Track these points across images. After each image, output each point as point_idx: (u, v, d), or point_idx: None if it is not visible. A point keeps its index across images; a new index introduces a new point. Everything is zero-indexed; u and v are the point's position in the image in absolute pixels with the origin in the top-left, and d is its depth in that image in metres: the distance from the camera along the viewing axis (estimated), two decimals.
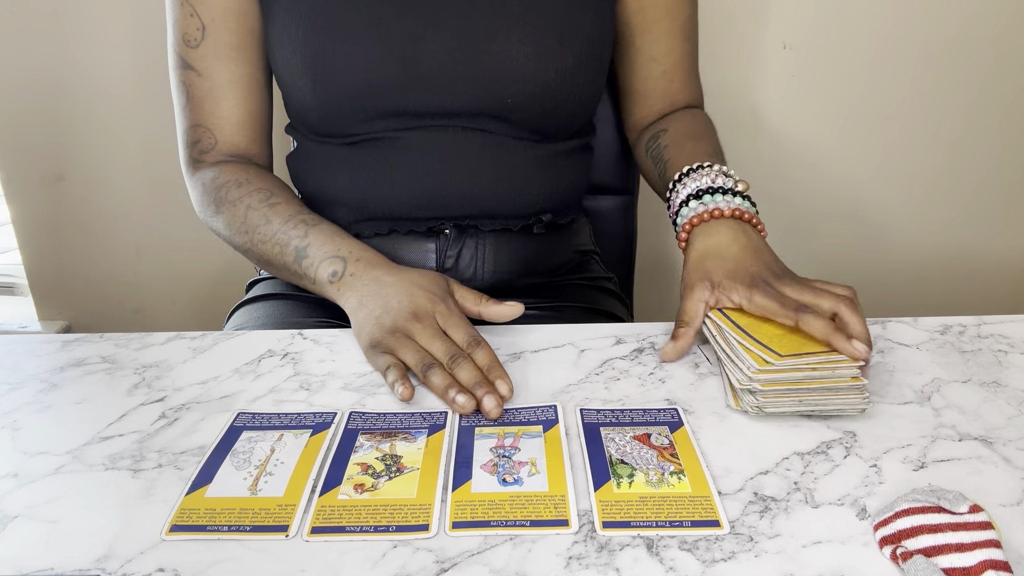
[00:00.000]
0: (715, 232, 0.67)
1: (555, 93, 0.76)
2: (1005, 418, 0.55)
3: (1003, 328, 0.68)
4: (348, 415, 0.56)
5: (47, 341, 0.68)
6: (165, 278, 1.51)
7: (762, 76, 1.30)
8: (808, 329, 0.57)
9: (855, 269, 1.44)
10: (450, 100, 0.76)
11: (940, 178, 1.37)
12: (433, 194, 0.78)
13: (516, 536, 0.44)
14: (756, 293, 0.61)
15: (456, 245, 0.81)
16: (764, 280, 0.62)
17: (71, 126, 1.39)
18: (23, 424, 0.57)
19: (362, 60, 0.74)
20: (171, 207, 1.45)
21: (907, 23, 1.26)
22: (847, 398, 0.54)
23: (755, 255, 0.64)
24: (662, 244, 1.43)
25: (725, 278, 0.63)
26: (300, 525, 0.46)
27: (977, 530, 0.41)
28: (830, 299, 0.60)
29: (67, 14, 1.31)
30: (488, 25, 0.74)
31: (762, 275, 0.62)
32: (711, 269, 0.64)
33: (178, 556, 0.43)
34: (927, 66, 1.28)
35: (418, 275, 0.67)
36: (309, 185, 0.83)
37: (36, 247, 1.50)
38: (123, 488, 0.49)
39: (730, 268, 0.64)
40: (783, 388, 0.54)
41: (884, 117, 1.32)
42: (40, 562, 0.43)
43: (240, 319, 0.83)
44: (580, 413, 0.56)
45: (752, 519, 0.45)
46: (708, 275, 0.64)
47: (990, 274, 1.44)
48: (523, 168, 0.80)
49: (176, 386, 0.61)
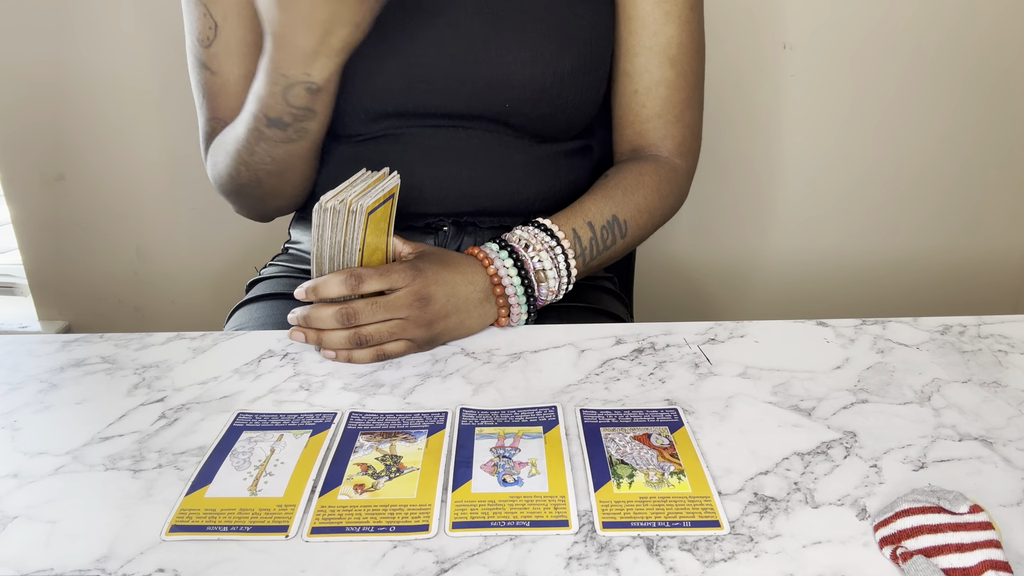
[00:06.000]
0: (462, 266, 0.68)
1: (553, 98, 0.76)
2: (1005, 418, 0.55)
3: (1003, 328, 0.68)
4: (348, 415, 0.56)
5: (47, 341, 0.68)
6: (165, 278, 1.51)
7: (762, 76, 1.31)
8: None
9: (855, 269, 1.44)
10: (449, 103, 0.76)
11: (940, 178, 1.37)
12: (431, 192, 0.79)
13: (516, 536, 0.44)
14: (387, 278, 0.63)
15: (455, 242, 0.81)
16: (410, 304, 0.63)
17: (71, 126, 1.39)
18: (23, 424, 0.57)
19: (362, 63, 0.74)
20: (171, 207, 1.45)
21: (907, 23, 1.26)
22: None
23: (448, 298, 0.65)
24: (662, 244, 1.43)
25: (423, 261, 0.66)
26: (300, 525, 0.46)
27: (977, 530, 0.41)
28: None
29: (67, 14, 1.31)
30: (486, 30, 0.74)
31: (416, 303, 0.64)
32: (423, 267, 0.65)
33: (178, 556, 0.43)
34: (927, 66, 1.28)
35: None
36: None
37: (36, 247, 1.50)
38: (123, 488, 0.49)
39: (436, 267, 0.66)
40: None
41: (884, 117, 1.32)
42: (40, 562, 0.43)
43: (240, 319, 0.83)
44: (580, 413, 0.56)
45: (752, 519, 0.45)
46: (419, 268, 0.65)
47: (990, 274, 1.44)
48: (522, 168, 0.80)
49: (176, 386, 0.61)
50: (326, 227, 0.62)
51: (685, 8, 0.78)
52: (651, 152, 0.82)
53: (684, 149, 0.83)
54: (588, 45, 0.77)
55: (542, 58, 0.74)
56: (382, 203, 0.64)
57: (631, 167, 0.79)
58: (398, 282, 0.63)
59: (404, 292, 0.63)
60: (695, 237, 1.43)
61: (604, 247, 0.75)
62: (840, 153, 1.35)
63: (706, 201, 1.38)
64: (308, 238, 0.89)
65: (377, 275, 0.63)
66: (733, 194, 1.39)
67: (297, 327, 0.65)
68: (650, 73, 0.80)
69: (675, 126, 0.81)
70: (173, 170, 1.41)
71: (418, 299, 0.63)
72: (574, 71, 0.76)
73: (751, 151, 1.36)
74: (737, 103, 1.32)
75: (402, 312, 0.63)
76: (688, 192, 0.84)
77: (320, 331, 0.64)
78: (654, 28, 0.78)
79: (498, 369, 0.63)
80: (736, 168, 1.37)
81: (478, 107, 0.76)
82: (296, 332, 0.65)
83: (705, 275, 1.46)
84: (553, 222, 0.72)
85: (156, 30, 1.31)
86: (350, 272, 0.62)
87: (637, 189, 0.77)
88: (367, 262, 0.65)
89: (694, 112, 0.82)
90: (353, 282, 0.62)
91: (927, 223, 1.40)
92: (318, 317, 0.63)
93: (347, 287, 0.62)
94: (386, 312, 0.63)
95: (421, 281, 0.64)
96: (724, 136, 1.33)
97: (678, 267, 1.45)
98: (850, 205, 1.39)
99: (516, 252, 0.69)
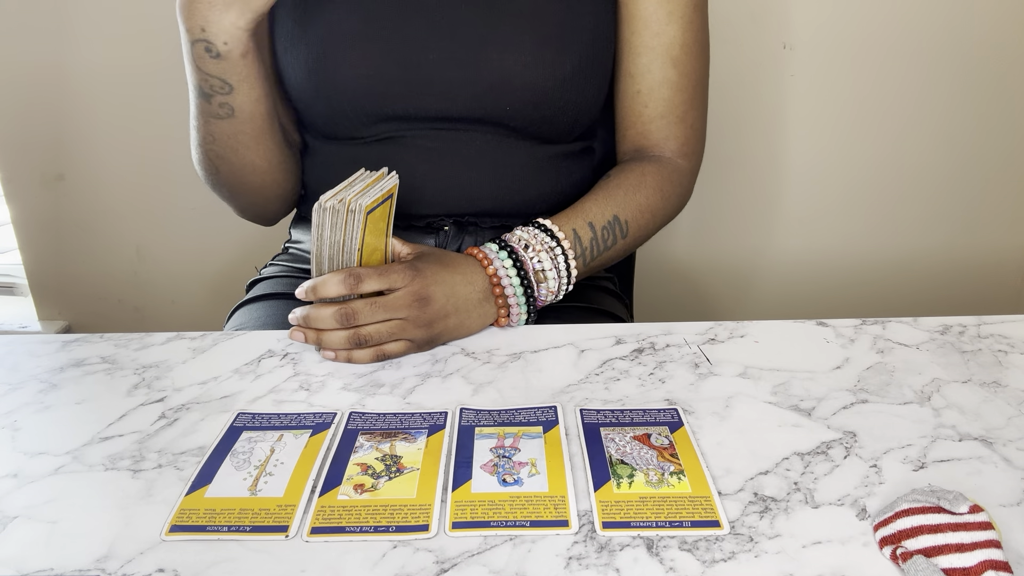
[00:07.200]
0: (464, 267, 0.68)
1: (554, 100, 0.76)
2: (1005, 418, 0.55)
3: (1003, 328, 0.68)
4: (348, 415, 0.56)
5: (47, 341, 0.68)
6: (165, 278, 1.51)
7: (762, 76, 1.31)
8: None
9: (855, 269, 1.44)
10: (450, 105, 0.76)
11: (940, 178, 1.37)
12: (432, 193, 0.79)
13: (516, 536, 0.44)
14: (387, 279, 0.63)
15: (455, 242, 0.81)
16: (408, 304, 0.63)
17: (71, 126, 1.39)
18: (23, 424, 0.57)
19: (364, 66, 0.74)
20: (171, 207, 1.45)
21: (907, 23, 1.26)
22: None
23: (448, 299, 0.65)
24: (662, 244, 1.43)
25: (422, 262, 0.66)
26: (300, 525, 0.46)
27: (977, 530, 0.41)
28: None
29: (67, 14, 1.31)
30: (486, 33, 0.74)
31: (420, 310, 0.64)
32: (422, 268, 0.65)
33: (178, 556, 0.43)
34: (927, 66, 1.28)
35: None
36: (312, 181, 0.84)
37: (36, 247, 1.50)
38: (123, 488, 0.49)
39: (435, 267, 0.66)
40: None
41: (884, 117, 1.32)
42: (40, 562, 0.43)
43: (240, 319, 0.83)
44: (580, 413, 0.56)
45: (752, 519, 0.45)
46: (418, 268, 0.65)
47: (990, 274, 1.44)
48: (523, 169, 0.80)
49: (176, 386, 0.61)
50: (325, 227, 0.62)
51: (688, 8, 0.78)
52: (654, 153, 0.82)
53: (687, 149, 0.82)
54: (589, 47, 0.77)
55: (543, 61, 0.74)
56: (381, 203, 0.64)
57: (633, 167, 0.79)
58: (397, 282, 0.63)
59: (403, 292, 0.63)
60: (695, 237, 1.43)
61: (605, 247, 0.75)
62: (840, 153, 1.35)
63: (706, 201, 1.38)
64: (308, 238, 0.90)
65: (376, 275, 0.63)
66: (733, 194, 1.39)
67: (297, 327, 0.65)
68: (653, 73, 0.79)
69: (678, 126, 0.81)
70: (173, 170, 1.41)
71: (417, 299, 0.63)
72: (575, 73, 0.76)
73: (751, 151, 1.36)
74: (738, 103, 1.32)
75: (401, 312, 0.63)
76: (691, 193, 0.84)
77: (320, 331, 0.64)
78: (657, 28, 0.78)
79: (498, 369, 0.63)
80: (736, 168, 1.37)
81: (479, 110, 0.76)
82: (296, 332, 0.65)
83: (706, 275, 1.46)
84: (553, 222, 0.72)
85: (156, 30, 1.31)
86: (349, 272, 0.62)
87: (639, 189, 0.77)
88: (366, 262, 0.65)
89: (697, 112, 0.82)
90: (352, 282, 0.62)
91: (927, 223, 1.40)
92: (317, 317, 0.63)
93: (346, 287, 0.62)
94: (385, 312, 0.63)
95: (420, 281, 0.64)
96: (724, 136, 1.33)
97: (678, 267, 1.45)
98: (850, 205, 1.39)
99: (516, 252, 0.69)
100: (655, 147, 0.82)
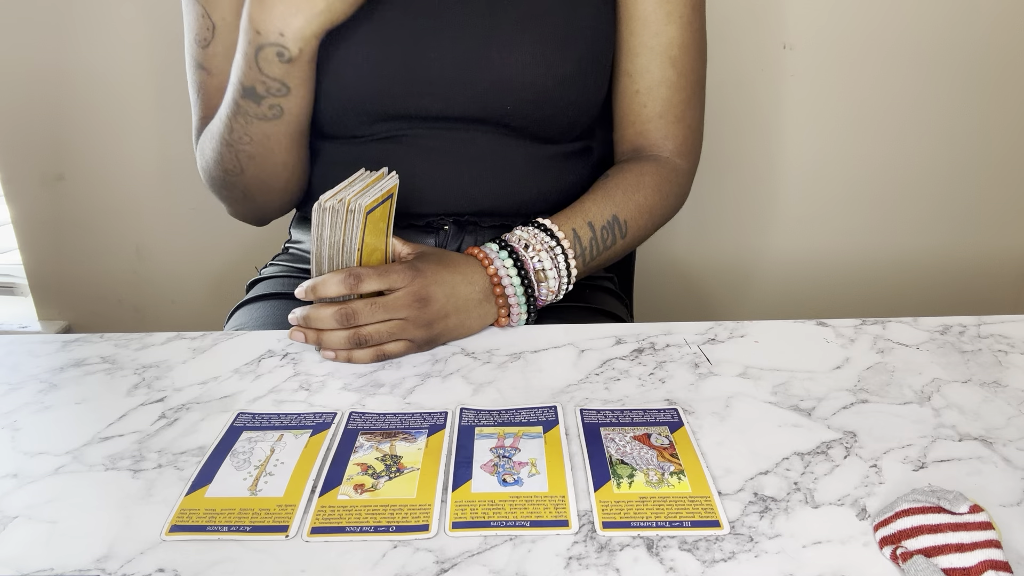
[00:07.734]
0: (464, 267, 0.68)
1: (555, 100, 0.76)
2: (1005, 418, 0.55)
3: (1003, 328, 0.68)
4: (348, 415, 0.56)
5: (47, 341, 0.68)
6: (165, 278, 1.51)
7: (762, 76, 1.31)
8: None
9: (855, 269, 1.44)
10: (451, 105, 0.76)
11: (940, 178, 1.37)
12: (433, 192, 0.79)
13: (516, 536, 0.44)
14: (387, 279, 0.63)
15: (455, 241, 0.81)
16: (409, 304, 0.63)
17: (71, 125, 1.39)
18: (23, 424, 0.57)
19: (365, 66, 0.74)
20: (171, 207, 1.45)
21: (907, 23, 1.26)
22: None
23: (448, 298, 0.65)
24: (662, 244, 1.43)
25: (422, 262, 0.66)
26: (300, 525, 0.46)
27: (977, 530, 0.41)
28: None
29: (67, 13, 1.31)
30: (488, 33, 0.74)
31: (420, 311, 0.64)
32: (423, 268, 0.65)
33: (178, 556, 0.43)
34: (927, 66, 1.28)
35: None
36: (313, 180, 0.84)
37: (36, 247, 1.50)
38: (123, 488, 0.49)
39: (435, 267, 0.66)
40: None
41: (884, 117, 1.32)
42: (40, 562, 0.43)
43: (240, 319, 0.83)
44: (580, 413, 0.56)
45: (752, 519, 0.45)
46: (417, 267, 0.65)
47: (990, 274, 1.44)
48: (523, 169, 0.80)
49: (176, 386, 0.61)
50: (325, 226, 0.62)
51: (687, 8, 0.78)
52: (652, 152, 0.82)
53: (685, 149, 0.83)
54: (589, 46, 0.77)
55: (543, 60, 0.74)
56: (381, 203, 0.64)
57: (632, 167, 0.79)
58: (397, 282, 0.63)
59: (403, 292, 0.63)
60: (695, 237, 1.43)
61: (604, 247, 0.75)
62: (840, 153, 1.35)
63: (706, 201, 1.38)
64: (308, 238, 0.90)
65: (376, 275, 0.63)
66: (733, 194, 1.39)
67: (297, 327, 0.65)
68: (651, 73, 0.80)
69: (676, 126, 0.81)
70: (173, 170, 1.41)
71: (417, 299, 0.63)
72: (575, 73, 0.76)
73: (751, 151, 1.36)
74: (737, 103, 1.32)
75: (401, 312, 0.63)
76: (689, 192, 0.84)
77: (320, 331, 0.64)
78: (656, 28, 0.78)
79: (498, 369, 0.63)
80: (736, 168, 1.37)
81: (480, 110, 0.76)
82: (296, 332, 0.65)
83: (705, 275, 1.46)
84: (553, 222, 0.72)
85: (156, 30, 1.31)
86: (349, 271, 0.62)
87: (638, 189, 0.77)
88: (366, 262, 0.65)
89: (695, 112, 0.82)
90: (352, 281, 0.62)
91: (927, 223, 1.40)
92: (317, 317, 0.63)
93: (346, 286, 0.62)
94: (385, 312, 0.63)
95: (420, 281, 0.64)
96: (724, 136, 1.33)
97: (678, 267, 1.45)
98: (850, 205, 1.39)
99: (516, 252, 0.69)
100: (653, 147, 0.82)
